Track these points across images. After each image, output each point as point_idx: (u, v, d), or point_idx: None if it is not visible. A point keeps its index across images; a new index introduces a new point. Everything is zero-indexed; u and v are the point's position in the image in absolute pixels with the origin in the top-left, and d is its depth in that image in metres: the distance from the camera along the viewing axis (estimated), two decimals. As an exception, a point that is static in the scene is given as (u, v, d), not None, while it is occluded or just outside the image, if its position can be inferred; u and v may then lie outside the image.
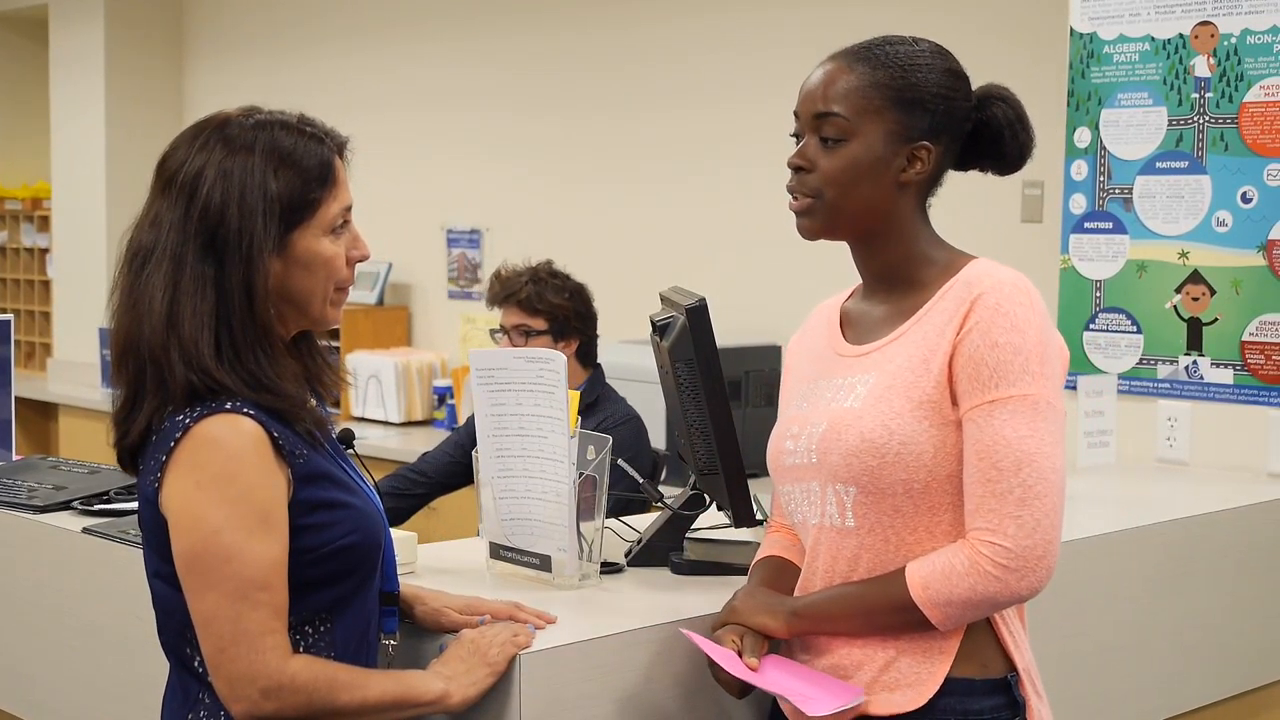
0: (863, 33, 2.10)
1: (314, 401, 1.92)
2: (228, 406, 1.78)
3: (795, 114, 2.06)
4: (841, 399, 1.98)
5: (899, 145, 1.99)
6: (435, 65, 6.72)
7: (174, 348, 1.78)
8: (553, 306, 3.84)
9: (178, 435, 1.77)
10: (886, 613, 1.92)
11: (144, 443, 1.84)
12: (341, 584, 1.85)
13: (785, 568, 2.12)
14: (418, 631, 2.09)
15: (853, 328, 2.09)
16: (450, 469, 4.00)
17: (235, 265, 1.80)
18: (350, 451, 2.03)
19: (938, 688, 1.92)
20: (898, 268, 2.04)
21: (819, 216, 2.01)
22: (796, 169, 2.02)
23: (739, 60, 5.47)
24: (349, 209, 1.90)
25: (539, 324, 3.84)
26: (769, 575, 2.12)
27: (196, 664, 1.84)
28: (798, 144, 2.04)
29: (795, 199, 2.03)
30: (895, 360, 1.96)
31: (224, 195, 1.80)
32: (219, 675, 1.77)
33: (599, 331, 3.98)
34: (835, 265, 2.35)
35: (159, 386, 1.80)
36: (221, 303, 1.80)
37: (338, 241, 1.88)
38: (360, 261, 1.93)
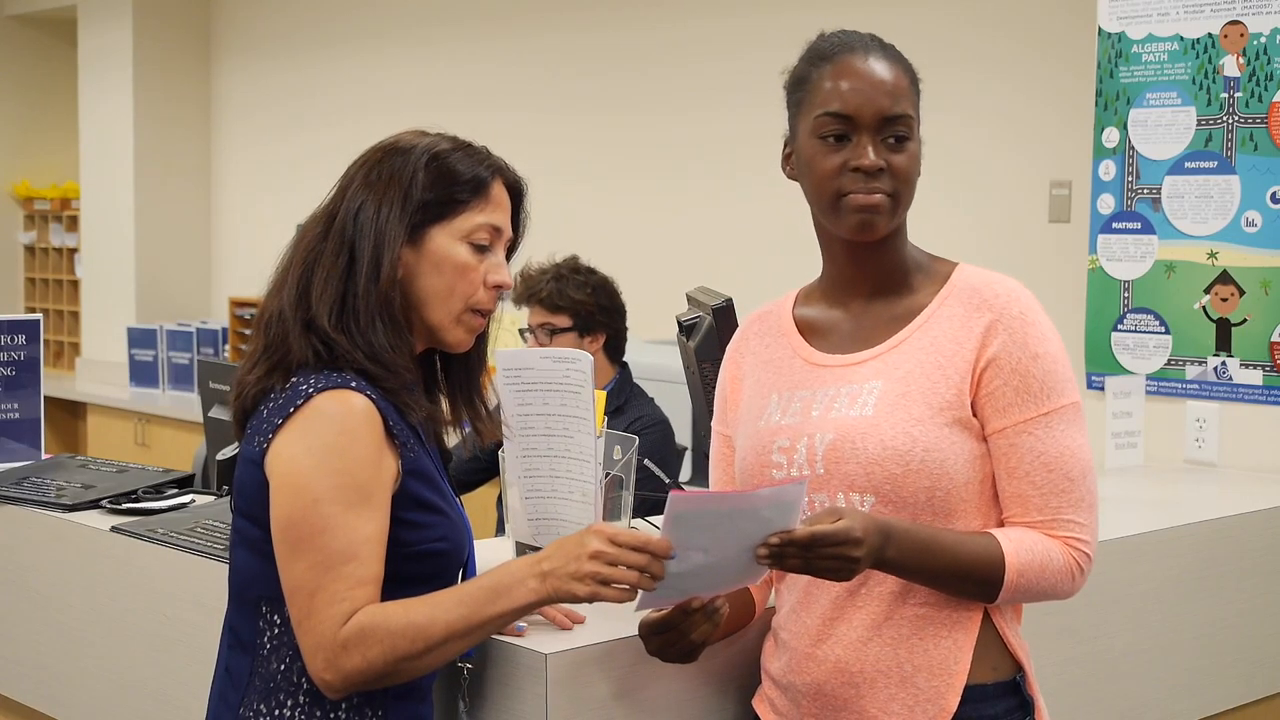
0: (899, 36, 2.07)
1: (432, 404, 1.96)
2: (352, 385, 1.82)
3: (842, 115, 1.93)
4: (845, 408, 1.94)
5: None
6: (459, 65, 6.73)
7: (301, 311, 1.86)
8: (575, 303, 3.84)
9: (299, 402, 1.81)
10: (969, 580, 1.88)
11: (256, 406, 1.88)
12: (420, 587, 1.84)
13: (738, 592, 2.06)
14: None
15: (823, 336, 2.04)
16: (470, 468, 4.00)
17: (367, 238, 1.87)
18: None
19: (958, 699, 1.91)
20: (891, 270, 2.00)
21: (891, 215, 1.94)
22: (877, 171, 1.92)
23: (765, 60, 5.44)
24: (497, 230, 1.95)
25: (562, 321, 3.84)
26: None
27: (265, 640, 1.85)
28: (835, 144, 1.93)
29: (870, 197, 1.92)
30: (903, 367, 1.93)
31: (377, 176, 1.91)
32: (302, 647, 1.79)
33: (626, 326, 3.97)
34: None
35: (282, 350, 1.86)
36: (350, 274, 1.87)
37: (476, 257, 1.93)
38: (499, 289, 1.96)
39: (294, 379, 1.84)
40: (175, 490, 2.93)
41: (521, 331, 3.96)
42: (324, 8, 7.50)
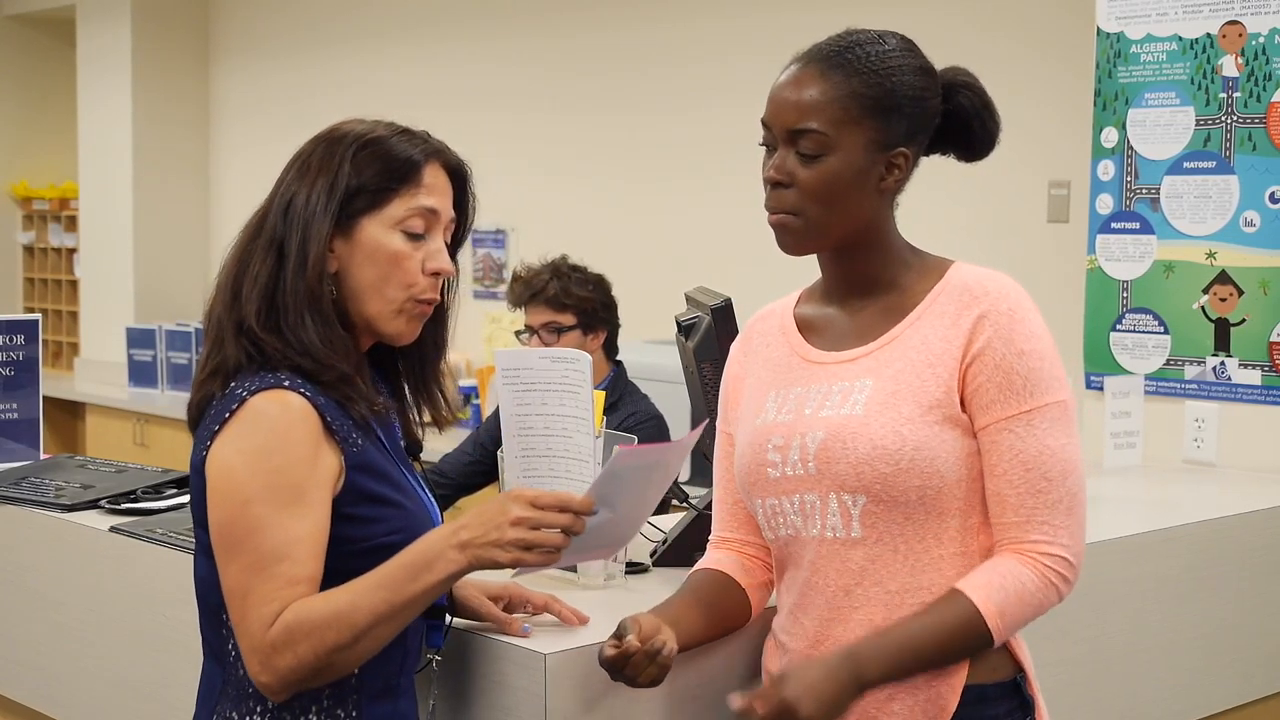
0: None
1: (372, 390, 1.90)
2: (286, 384, 1.80)
3: (764, 124, 1.98)
4: (836, 406, 1.93)
5: (877, 154, 1.94)
6: (459, 65, 6.73)
7: (234, 313, 1.83)
8: (580, 300, 3.84)
9: (233, 406, 1.79)
10: (960, 649, 1.88)
11: (203, 413, 1.86)
12: None
13: (728, 585, 2.07)
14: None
15: (820, 334, 2.03)
16: (470, 470, 4.00)
17: (295, 230, 1.83)
18: (415, 464, 2.03)
19: (957, 700, 1.91)
20: (877, 273, 1.99)
21: (800, 234, 1.96)
22: (775, 184, 1.95)
23: (765, 60, 5.45)
24: (433, 213, 1.89)
25: (568, 319, 3.83)
26: (706, 589, 2.06)
27: (230, 647, 1.84)
28: (769, 154, 1.97)
29: (773, 214, 1.96)
30: (893, 365, 1.92)
31: (307, 167, 1.86)
32: (241, 651, 1.78)
33: (620, 322, 3.98)
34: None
35: (221, 355, 1.84)
36: (279, 269, 1.83)
37: (411, 245, 1.87)
38: (438, 275, 1.90)
39: (232, 384, 1.82)
40: (174, 490, 2.93)
41: (519, 333, 3.95)
42: (323, 8, 7.50)
